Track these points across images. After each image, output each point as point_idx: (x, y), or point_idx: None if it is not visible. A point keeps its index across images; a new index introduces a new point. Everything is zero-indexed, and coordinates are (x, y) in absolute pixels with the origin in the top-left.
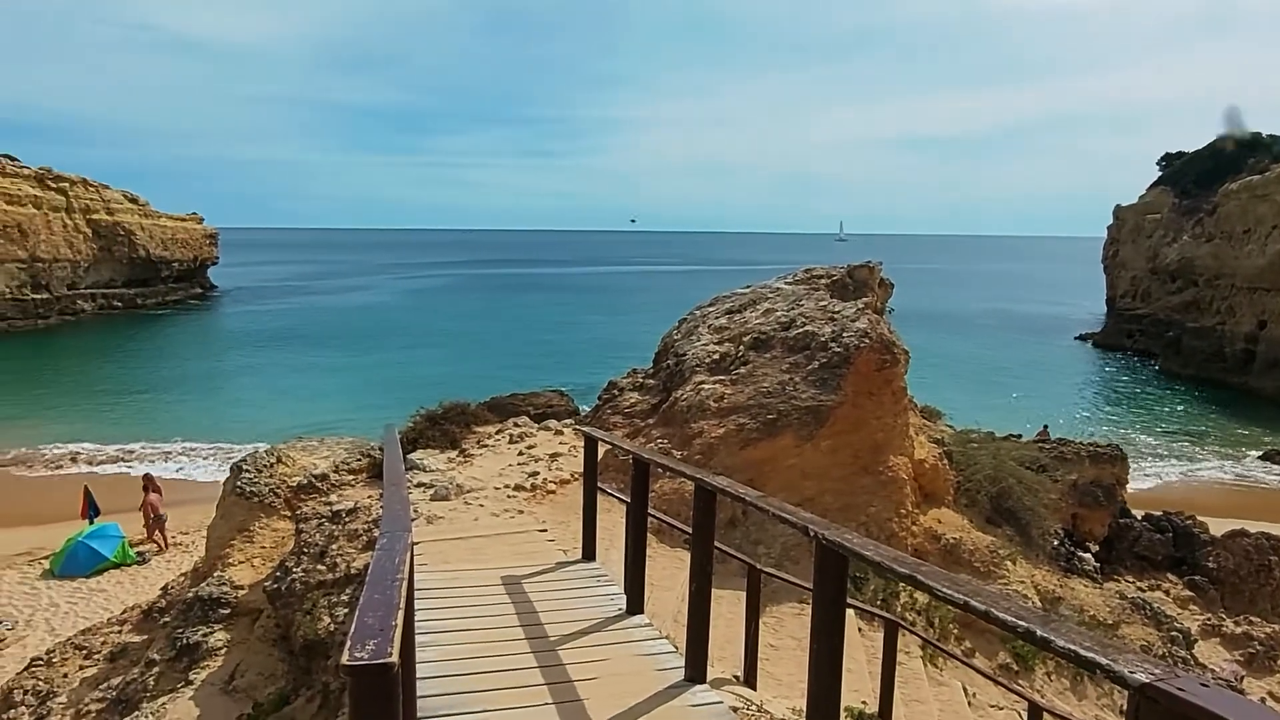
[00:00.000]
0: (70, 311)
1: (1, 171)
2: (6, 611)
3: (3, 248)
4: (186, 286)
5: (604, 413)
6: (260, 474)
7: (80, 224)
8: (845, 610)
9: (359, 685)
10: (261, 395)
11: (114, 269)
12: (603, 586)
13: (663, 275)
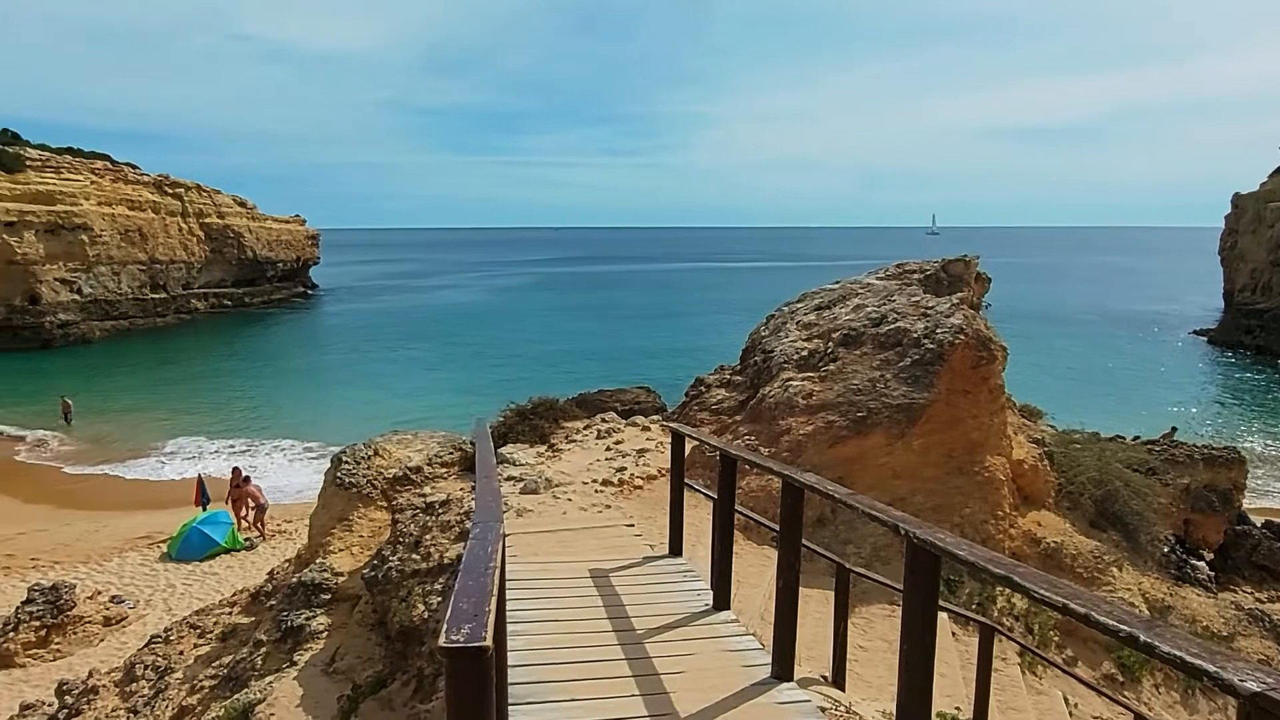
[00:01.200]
0: (185, 310)
1: (124, 179)
2: (129, 591)
3: (125, 251)
4: (290, 286)
5: (691, 409)
6: (358, 466)
7: (194, 227)
8: (937, 612)
9: (455, 666)
10: (359, 389)
11: (224, 269)
12: (689, 582)
13: (749, 271)
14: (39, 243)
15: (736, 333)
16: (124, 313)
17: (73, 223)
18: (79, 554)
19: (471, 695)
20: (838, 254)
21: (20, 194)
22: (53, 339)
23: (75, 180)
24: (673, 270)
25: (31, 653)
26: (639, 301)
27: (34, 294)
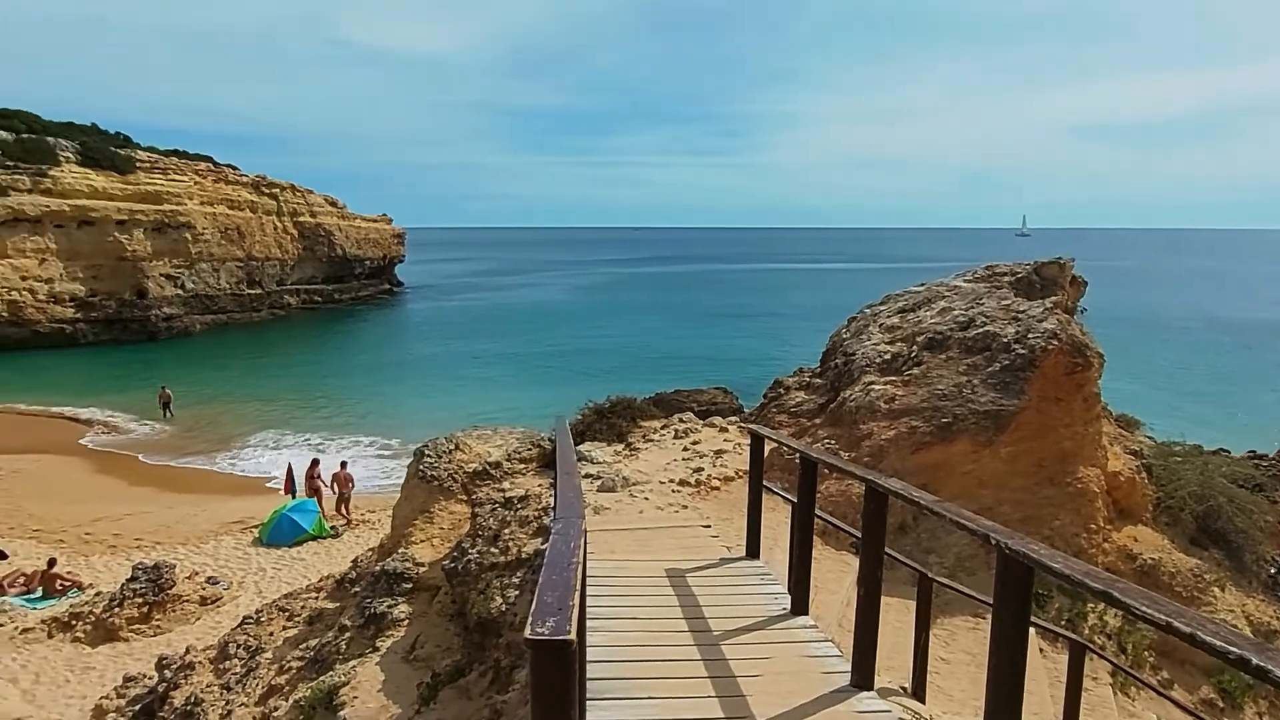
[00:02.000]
0: (278, 306)
1: (225, 179)
2: (223, 572)
3: (225, 248)
4: (376, 283)
5: (769, 411)
6: (440, 460)
7: (288, 226)
8: (1029, 626)
9: (540, 658)
10: (441, 384)
11: (315, 267)
12: (767, 585)
13: (832, 273)
14: (147, 240)
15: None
16: (222, 307)
17: (178, 221)
18: (179, 536)
19: (555, 687)
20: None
21: (131, 194)
22: (158, 331)
23: (180, 181)
24: (754, 271)
25: (134, 627)
26: (718, 302)
27: (142, 289)
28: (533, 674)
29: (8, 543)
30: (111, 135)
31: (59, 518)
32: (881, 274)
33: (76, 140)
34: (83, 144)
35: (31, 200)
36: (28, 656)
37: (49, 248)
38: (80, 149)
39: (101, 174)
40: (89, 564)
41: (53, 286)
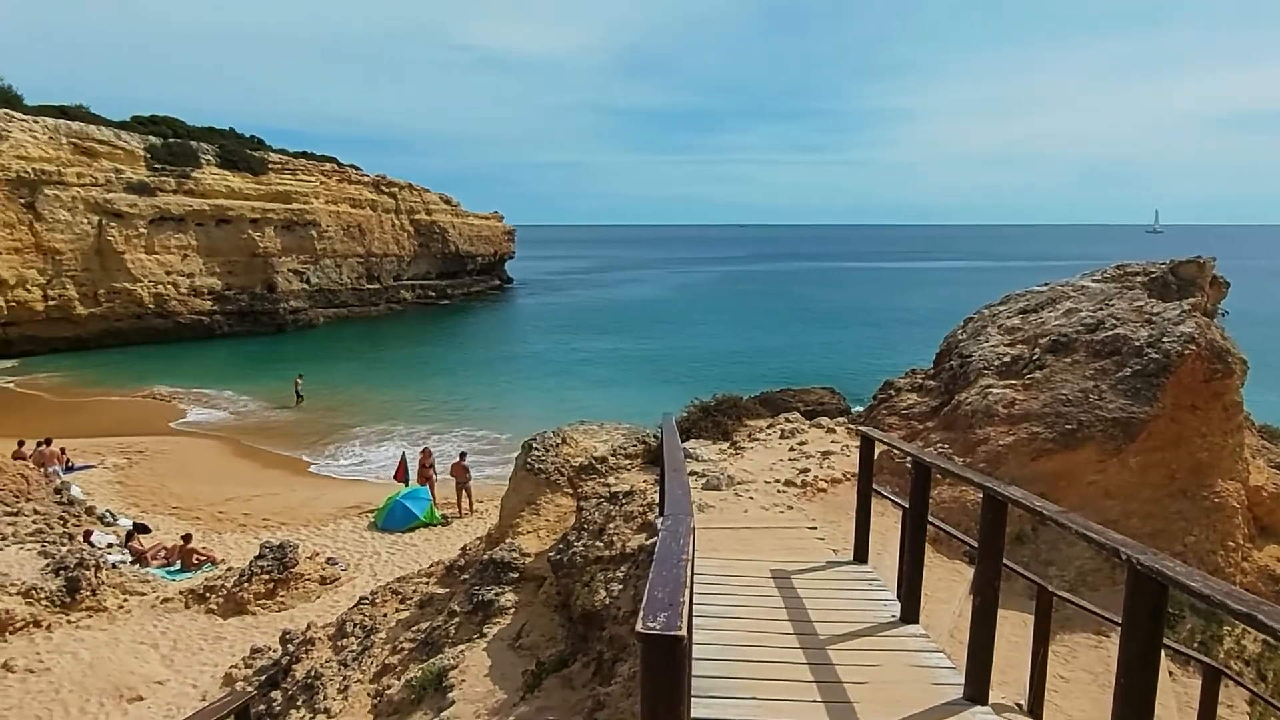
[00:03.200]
0: (395, 300)
1: (348, 179)
2: (341, 554)
3: (347, 245)
4: (487, 279)
5: (879, 413)
6: (547, 453)
7: (405, 223)
8: (1160, 647)
9: (651, 652)
10: (548, 378)
11: (429, 263)
12: (875, 590)
13: (946, 272)
14: (276, 237)
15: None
16: (344, 301)
17: (304, 219)
18: (301, 518)
19: (665, 681)
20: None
21: (263, 194)
22: (285, 324)
23: (308, 181)
24: (864, 269)
25: (260, 602)
26: (826, 301)
27: (271, 283)
28: (643, 667)
29: (151, 518)
30: (247, 139)
31: (196, 496)
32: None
33: (216, 144)
34: (221, 147)
35: (176, 200)
36: (167, 624)
37: (191, 244)
38: (219, 152)
39: (238, 175)
40: (221, 541)
41: (193, 281)
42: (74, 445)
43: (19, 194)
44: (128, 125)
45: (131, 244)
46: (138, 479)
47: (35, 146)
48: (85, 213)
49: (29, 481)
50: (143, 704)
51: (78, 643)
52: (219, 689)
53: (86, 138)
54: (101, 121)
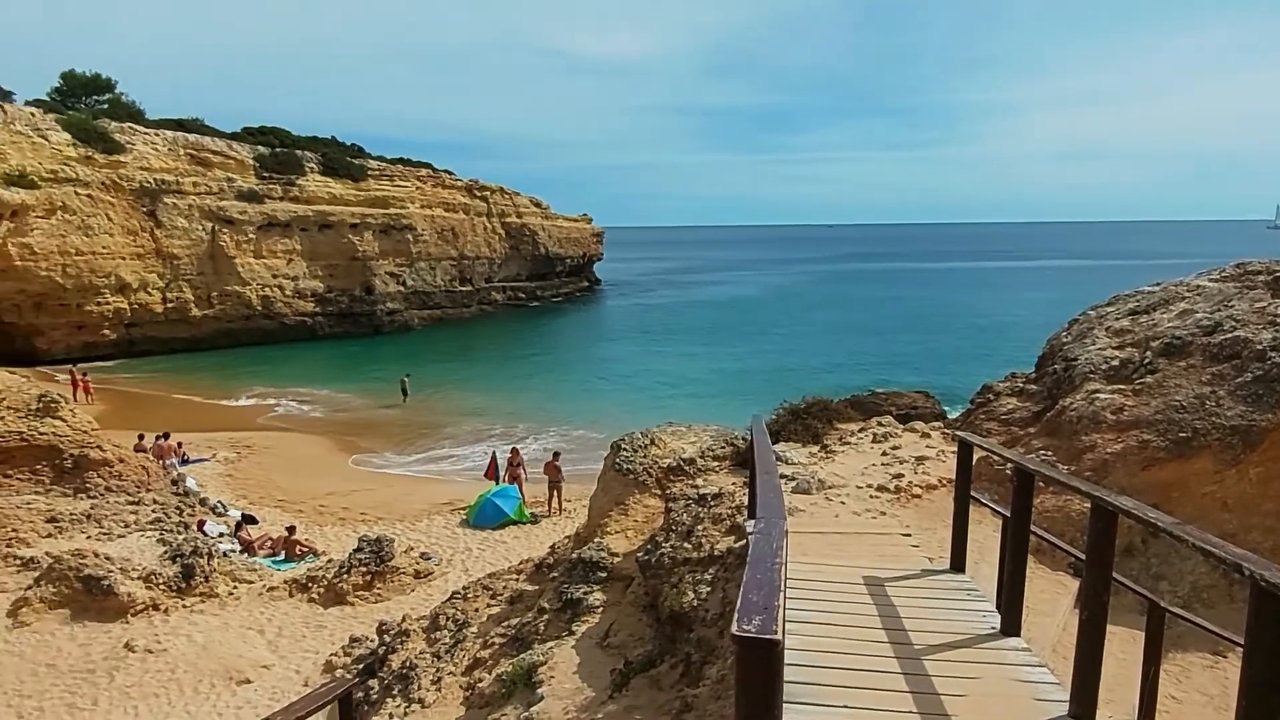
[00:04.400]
0: (486, 302)
1: (442, 184)
2: (434, 549)
3: (441, 248)
4: (576, 280)
5: (976, 418)
6: (635, 454)
7: (496, 226)
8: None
9: (746, 655)
10: (637, 379)
11: (520, 265)
12: (973, 601)
13: (1047, 271)
14: (374, 241)
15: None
16: (437, 303)
17: (401, 223)
18: (396, 513)
19: (761, 685)
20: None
21: (362, 199)
22: (382, 325)
23: (404, 186)
24: (957, 269)
25: (359, 594)
26: (916, 301)
27: (369, 285)
28: (738, 671)
29: (257, 510)
30: (347, 146)
31: (300, 490)
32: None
33: (319, 152)
34: (324, 155)
35: (283, 206)
36: (272, 611)
37: (295, 249)
38: (322, 160)
39: (339, 181)
40: (322, 533)
41: (297, 283)
42: (188, 439)
43: (141, 203)
44: (239, 136)
45: (241, 249)
46: (246, 472)
47: (156, 158)
48: (200, 219)
49: (149, 473)
50: (250, 686)
51: (192, 626)
52: (320, 675)
53: (202, 149)
54: (215, 133)
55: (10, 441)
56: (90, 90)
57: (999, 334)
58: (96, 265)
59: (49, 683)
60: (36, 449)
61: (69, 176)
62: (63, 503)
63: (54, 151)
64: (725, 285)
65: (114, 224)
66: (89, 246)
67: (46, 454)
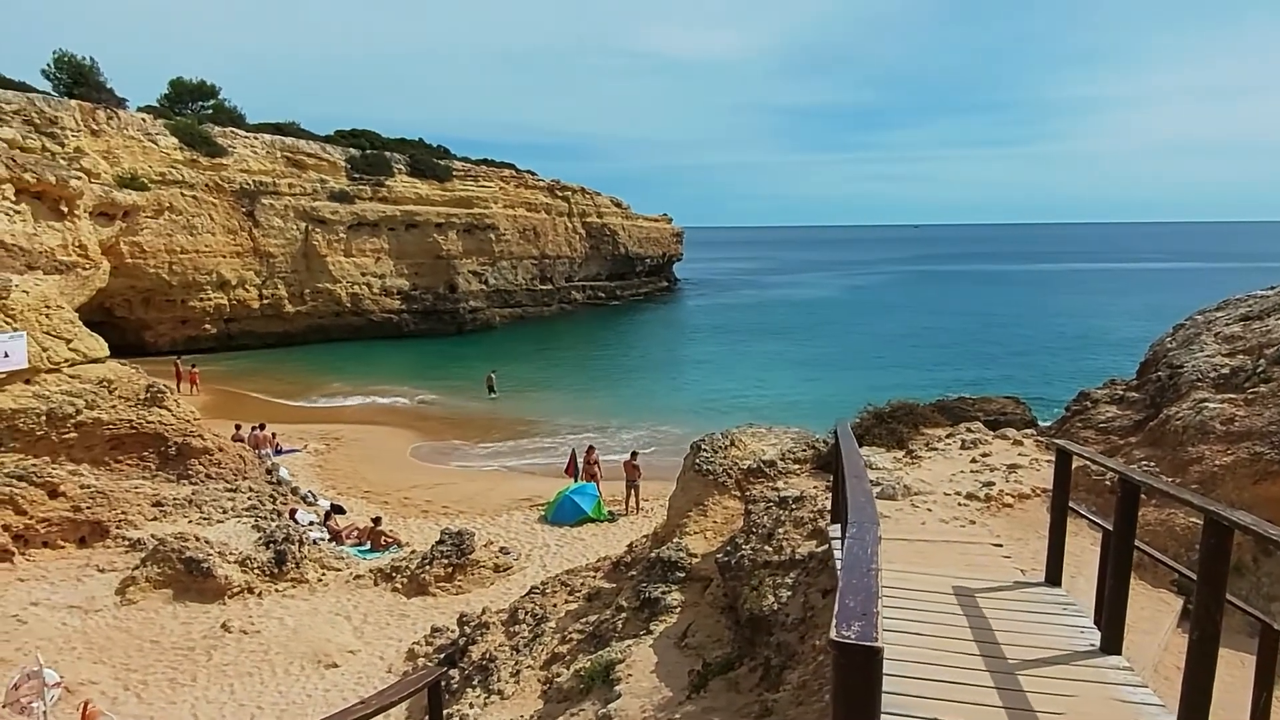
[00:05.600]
0: (566, 301)
1: (525, 184)
2: (513, 544)
3: (522, 247)
4: (655, 280)
5: (1072, 426)
6: (715, 455)
7: (577, 226)
8: None
9: (845, 662)
10: (716, 379)
11: (599, 264)
12: (1070, 616)
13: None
14: (458, 240)
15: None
16: (518, 302)
17: (484, 223)
18: (477, 507)
19: (859, 693)
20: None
21: (448, 199)
22: (464, 323)
23: (488, 187)
24: (1050, 271)
25: (440, 585)
26: (1008, 304)
27: (453, 283)
28: (837, 678)
29: (346, 500)
30: (434, 148)
31: (385, 482)
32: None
33: (407, 154)
34: (412, 157)
35: (372, 207)
36: (358, 599)
37: (383, 248)
38: (409, 161)
39: (425, 182)
40: (405, 525)
41: (384, 281)
42: (281, 430)
43: (241, 203)
44: (332, 139)
45: (333, 247)
46: (335, 463)
47: (255, 160)
48: (295, 219)
49: (246, 462)
50: (337, 670)
51: (283, 610)
52: (402, 663)
53: (297, 151)
54: (310, 136)
55: (121, 429)
56: (196, 96)
57: (1094, 339)
58: (200, 263)
59: (153, 658)
60: (144, 436)
61: (176, 179)
62: (167, 488)
63: (162, 155)
64: (807, 286)
65: (216, 224)
66: (193, 245)
67: (153, 441)
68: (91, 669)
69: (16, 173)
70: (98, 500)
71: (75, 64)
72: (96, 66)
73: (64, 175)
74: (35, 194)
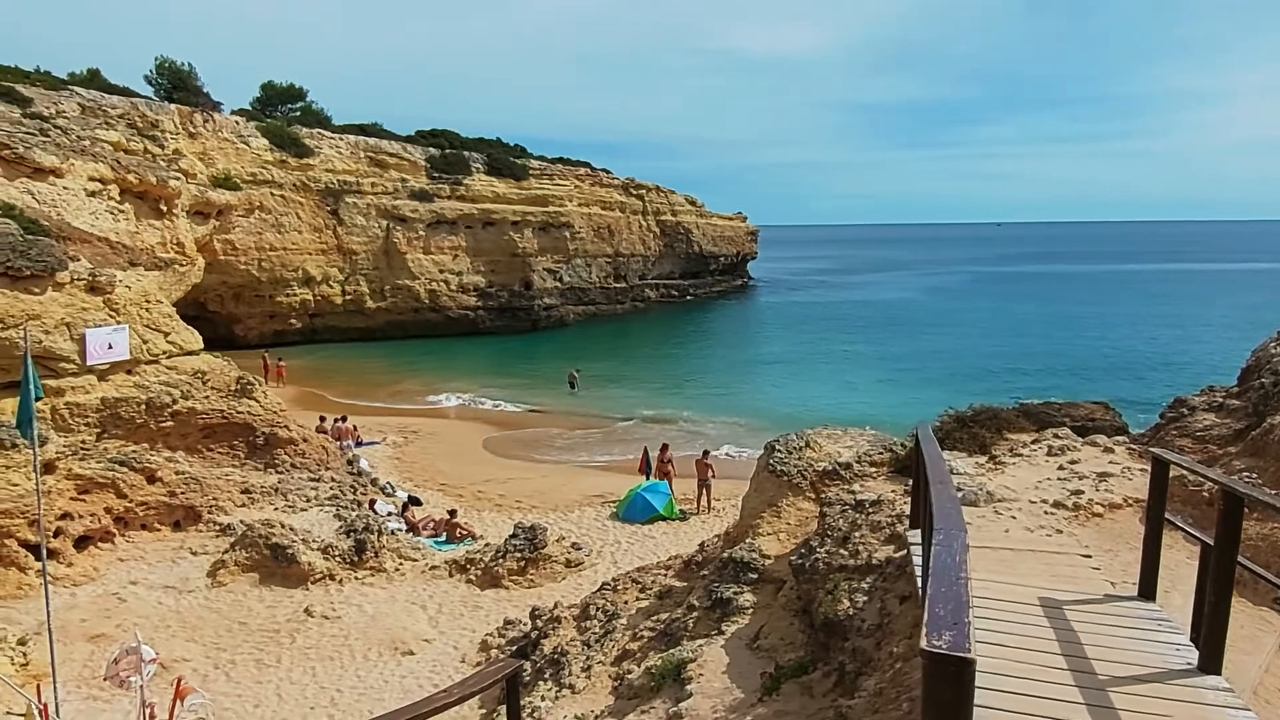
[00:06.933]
0: (639, 299)
1: (600, 183)
2: (585, 540)
3: (597, 245)
4: (729, 279)
5: (1167, 434)
6: (790, 455)
7: (651, 224)
8: None
9: (936, 672)
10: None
11: (673, 263)
12: (1165, 633)
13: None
14: (534, 238)
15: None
16: (592, 300)
17: (559, 221)
18: (550, 502)
19: (951, 705)
20: None
21: (524, 198)
22: (539, 321)
23: (563, 185)
24: (1140, 272)
25: (513, 578)
26: (1093, 306)
27: (528, 281)
28: (927, 688)
29: (422, 492)
30: (511, 147)
31: (460, 475)
32: None
33: (485, 153)
34: (489, 156)
35: (451, 205)
36: (433, 589)
37: (461, 245)
38: (487, 160)
39: (502, 181)
40: (480, 518)
41: (461, 279)
42: (361, 423)
43: (326, 202)
44: (412, 139)
45: (412, 245)
46: (412, 456)
47: (340, 160)
48: (376, 218)
49: (328, 453)
50: (413, 658)
51: (362, 597)
52: (475, 653)
53: (379, 151)
54: (392, 136)
55: (213, 418)
56: (285, 99)
57: (1188, 342)
58: (287, 260)
59: (241, 638)
60: (235, 426)
61: (265, 179)
62: (255, 476)
63: (254, 156)
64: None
65: (302, 222)
66: (281, 243)
67: (242, 431)
68: (184, 647)
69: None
70: (191, 486)
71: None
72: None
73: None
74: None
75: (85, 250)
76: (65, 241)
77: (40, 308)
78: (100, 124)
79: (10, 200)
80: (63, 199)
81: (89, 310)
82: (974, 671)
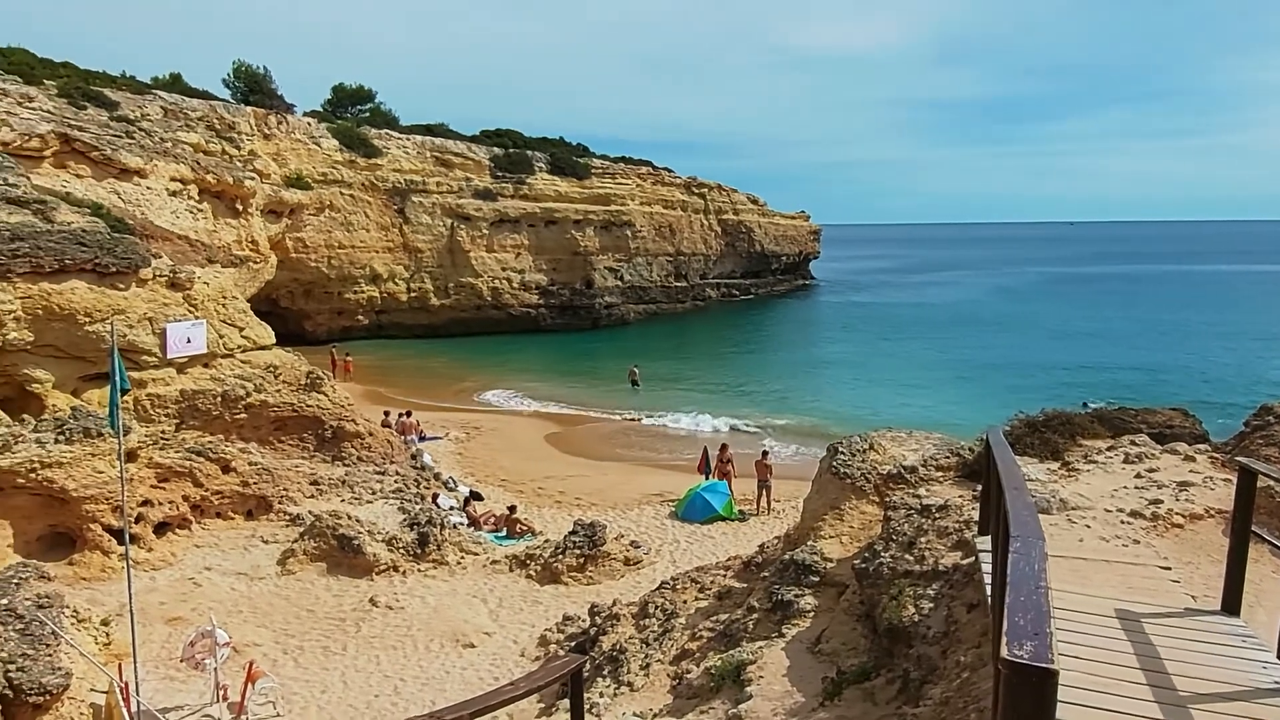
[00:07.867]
0: (700, 298)
1: (661, 182)
2: (644, 538)
3: (658, 244)
4: (791, 278)
5: (1254, 443)
6: (853, 458)
7: (713, 223)
8: None
9: (1017, 683)
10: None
11: (735, 261)
12: (1249, 649)
13: None
14: (595, 237)
15: None
16: (653, 298)
17: (620, 220)
18: (609, 500)
19: (1031, 717)
20: None
21: (586, 196)
22: (599, 319)
23: (625, 184)
24: (1223, 272)
25: (572, 575)
26: (1173, 308)
27: (589, 279)
28: (1006, 699)
29: (483, 487)
30: (574, 146)
31: (521, 471)
32: None
33: (548, 152)
34: (552, 155)
35: (514, 204)
36: (494, 583)
37: (523, 244)
38: (550, 159)
39: (564, 180)
40: (540, 514)
41: (523, 276)
42: (425, 418)
43: (393, 201)
44: (477, 139)
45: (476, 243)
46: (474, 452)
47: (406, 160)
48: (441, 216)
49: (393, 447)
50: (474, 650)
51: (425, 589)
52: (535, 648)
53: (445, 151)
54: (457, 136)
55: (284, 411)
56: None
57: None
58: (355, 258)
59: (309, 625)
60: (304, 419)
61: (335, 178)
62: (323, 468)
63: (325, 156)
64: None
65: (370, 221)
66: (349, 241)
67: (311, 424)
68: (255, 632)
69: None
70: (263, 477)
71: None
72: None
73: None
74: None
75: (166, 248)
76: (148, 239)
77: (125, 303)
78: (181, 126)
79: (99, 200)
80: (146, 198)
81: (170, 306)
82: (1056, 683)
